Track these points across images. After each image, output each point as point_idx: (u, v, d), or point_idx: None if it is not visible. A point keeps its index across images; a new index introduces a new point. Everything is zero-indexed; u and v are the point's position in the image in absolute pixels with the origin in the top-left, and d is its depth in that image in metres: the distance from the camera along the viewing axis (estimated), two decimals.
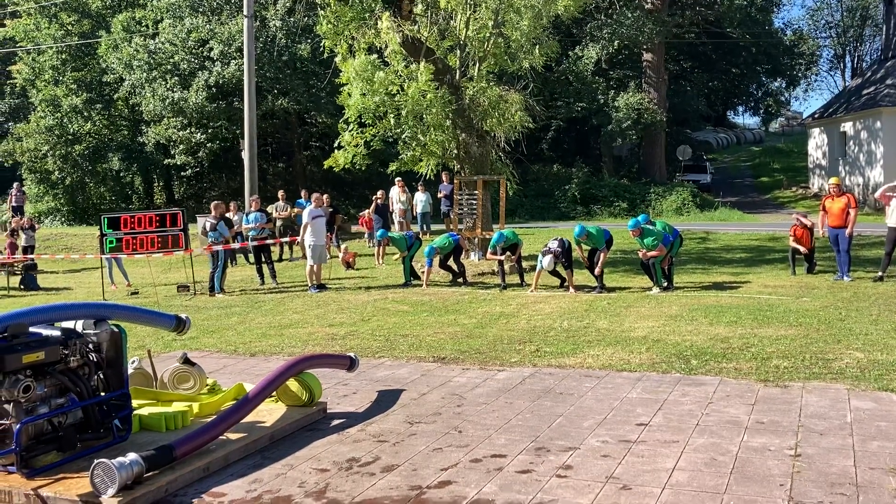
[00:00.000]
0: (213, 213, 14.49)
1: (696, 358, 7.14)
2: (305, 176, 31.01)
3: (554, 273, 12.12)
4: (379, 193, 19.10)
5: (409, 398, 6.16)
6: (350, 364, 6.51)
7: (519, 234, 13.87)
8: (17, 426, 4.40)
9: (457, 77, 15.12)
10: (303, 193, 19.02)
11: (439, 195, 20.37)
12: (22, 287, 16.20)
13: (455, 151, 15.26)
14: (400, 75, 14.53)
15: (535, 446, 4.88)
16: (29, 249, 17.74)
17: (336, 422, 5.61)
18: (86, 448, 4.81)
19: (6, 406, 4.48)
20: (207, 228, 14.27)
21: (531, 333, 8.58)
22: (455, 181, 15.97)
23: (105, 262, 15.25)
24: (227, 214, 15.81)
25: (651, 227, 11.93)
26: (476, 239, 15.16)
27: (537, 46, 15.16)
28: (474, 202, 14.96)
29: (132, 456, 4.24)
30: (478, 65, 15.45)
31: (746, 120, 72.13)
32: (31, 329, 4.73)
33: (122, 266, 15.70)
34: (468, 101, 14.98)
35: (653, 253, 11.51)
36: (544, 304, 10.63)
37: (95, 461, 4.18)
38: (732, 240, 19.21)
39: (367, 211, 19.16)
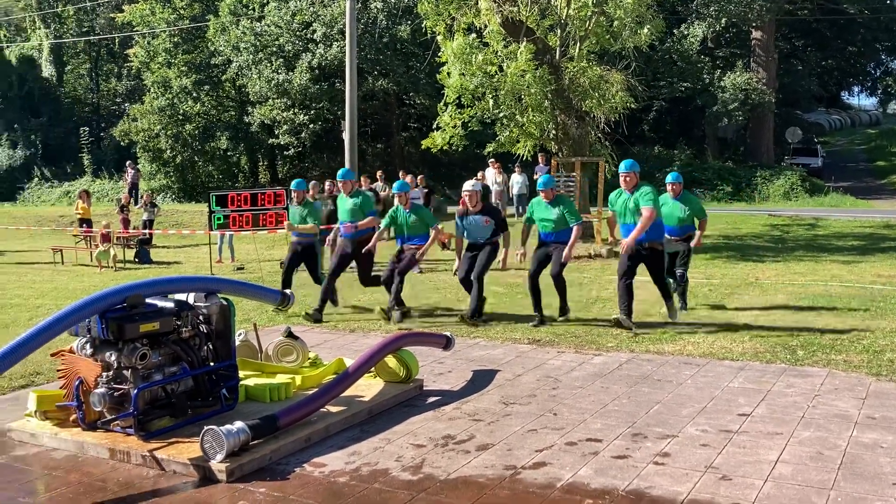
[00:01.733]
0: (310, 193, 14.91)
1: (802, 348, 6.86)
2: (403, 157, 31.36)
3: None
4: (479, 175, 18.96)
5: (504, 379, 6.18)
6: (446, 343, 6.58)
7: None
8: (135, 391, 4.67)
9: (557, 57, 14.93)
10: (401, 174, 19.23)
11: (535, 177, 20.22)
12: (136, 260, 17.08)
13: (553, 132, 15.11)
14: (499, 55, 14.47)
15: (631, 432, 4.82)
16: (149, 224, 18.63)
17: (432, 399, 5.70)
18: (196, 415, 5.06)
19: (125, 372, 4.76)
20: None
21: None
22: (552, 162, 15.81)
23: (217, 237, 15.93)
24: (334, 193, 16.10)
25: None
26: None
27: (644, 25, 14.76)
28: (572, 184, 14.79)
29: (239, 424, 4.43)
30: (578, 44, 15.20)
31: (862, 101, 68.21)
32: (148, 300, 5.01)
33: (231, 242, 16.34)
34: (568, 82, 14.78)
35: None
36: (642, 290, 10.41)
37: (205, 428, 4.39)
38: (844, 227, 18.30)
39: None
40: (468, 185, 8.68)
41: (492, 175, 19.85)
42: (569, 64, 14.92)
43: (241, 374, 5.58)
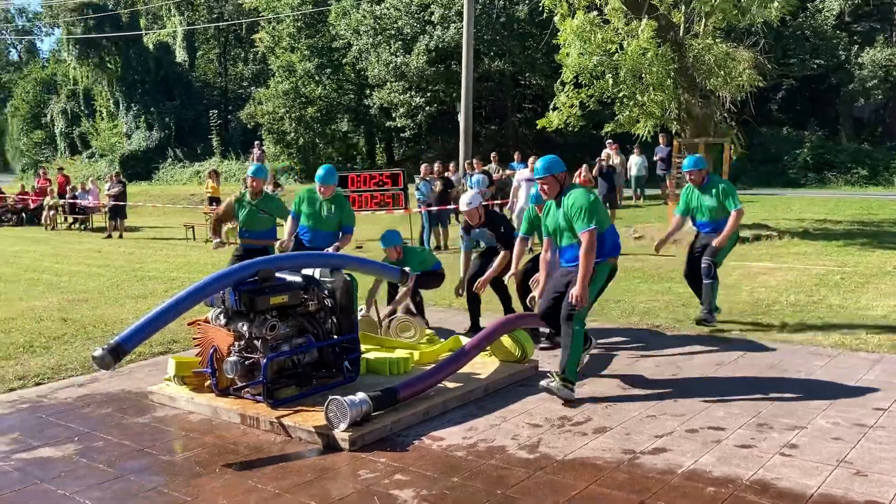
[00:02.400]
0: (422, 174, 15.18)
1: None
2: (517, 138, 31.19)
3: None
4: (604, 154, 18.10)
5: (621, 363, 6.09)
6: None
7: (742, 201, 13.07)
8: (265, 361, 4.90)
9: (680, 34, 14.41)
10: (516, 156, 19.15)
11: (655, 158, 19.68)
12: None
13: (675, 112, 14.62)
14: (619, 33, 14.11)
15: (756, 422, 4.65)
16: None
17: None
18: (320, 385, 5.26)
19: (255, 342, 4.99)
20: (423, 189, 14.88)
21: (753, 306, 8.12)
22: (674, 143, 15.33)
23: None
24: (446, 175, 16.26)
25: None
26: None
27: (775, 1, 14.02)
28: None
29: (361, 395, 4.58)
30: (704, 20, 14.59)
31: None
32: (277, 275, 5.23)
33: None
34: (692, 60, 14.25)
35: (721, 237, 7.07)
36: (769, 276, 9.99)
37: (330, 398, 4.56)
38: None
39: (582, 169, 18.57)
40: (464, 205, 6.91)
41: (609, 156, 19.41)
42: (693, 41, 14.37)
43: (363, 347, 5.75)
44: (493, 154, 19.88)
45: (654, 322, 7.51)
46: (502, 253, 6.69)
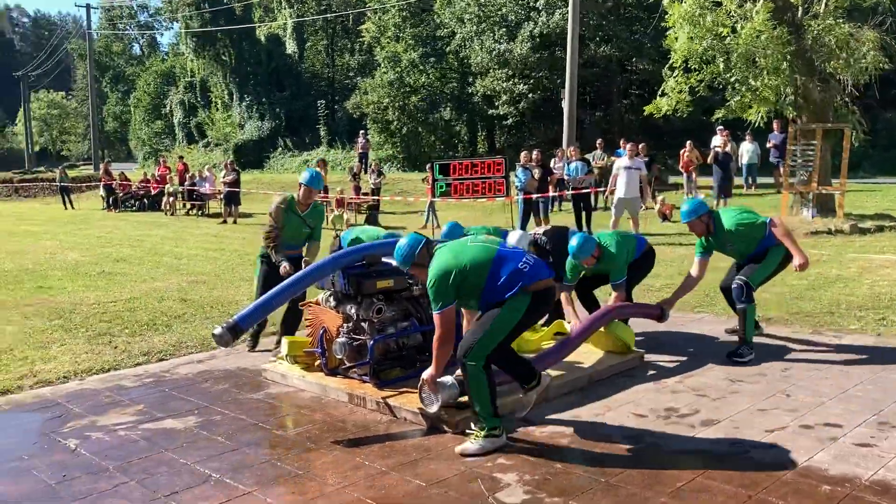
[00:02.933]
0: (521, 162, 15.17)
1: None
2: (623, 124, 30.57)
3: None
4: (719, 141, 17.41)
5: None
6: (660, 315, 6.32)
7: (863, 190, 12.40)
8: (371, 342, 5.03)
9: (798, 15, 13.77)
10: (621, 143, 18.80)
11: (768, 145, 18.87)
12: (367, 224, 18.22)
13: (791, 97, 14.00)
14: (732, 16, 13.61)
15: (877, 420, 4.43)
16: (376, 191, 19.79)
17: (652, 371, 5.60)
18: (424, 368, 5.35)
19: (363, 324, 5.14)
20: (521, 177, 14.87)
21: (874, 300, 7.72)
22: (789, 130, 14.68)
23: (426, 205, 16.94)
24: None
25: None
26: (811, 195, 13.87)
27: None
28: (811, 153, 13.66)
29: (449, 379, 4.57)
30: (824, 0, 13.89)
31: None
32: (384, 259, 5.36)
33: (433, 209, 17.18)
34: (810, 41, 13.59)
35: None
36: (893, 270, 9.46)
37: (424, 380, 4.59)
38: None
39: (687, 147, 17.90)
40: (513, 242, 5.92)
41: (718, 143, 18.75)
42: (812, 22, 13.69)
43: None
44: (598, 141, 19.58)
45: (764, 315, 7.25)
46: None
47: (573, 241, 6.00)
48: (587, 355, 5.70)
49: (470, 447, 4.16)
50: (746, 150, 19.01)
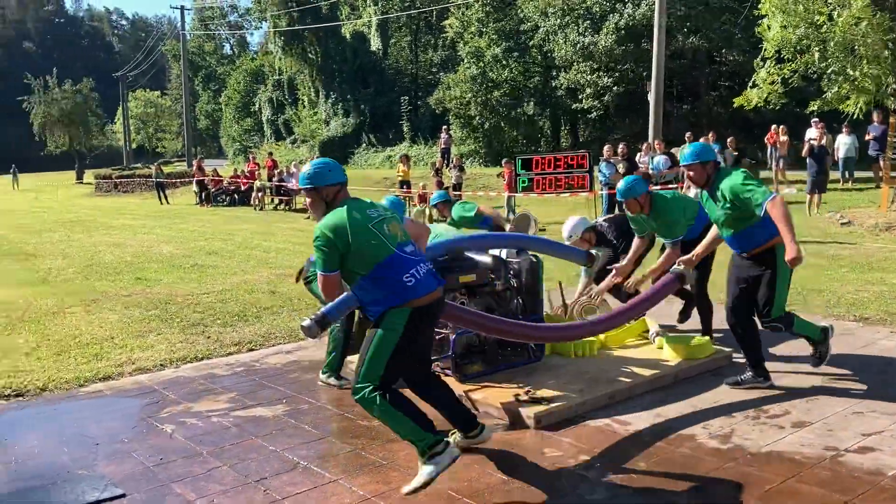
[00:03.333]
0: (605, 156, 14.95)
1: None
2: (711, 117, 29.74)
3: None
4: (814, 134, 16.54)
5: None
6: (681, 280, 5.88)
7: None
8: (453, 336, 5.08)
9: None
10: (710, 136, 18.30)
11: (867, 137, 18.03)
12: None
13: (893, 87, 13.34)
14: (828, 3, 13.06)
15: None
16: (458, 187, 19.88)
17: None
18: (505, 363, 5.37)
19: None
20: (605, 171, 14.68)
21: None
22: (890, 121, 14.00)
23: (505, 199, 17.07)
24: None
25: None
26: None
27: None
28: None
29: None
30: None
31: None
32: (466, 254, 5.39)
33: (512, 204, 17.20)
34: None
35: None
36: None
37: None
38: None
39: (774, 130, 17.21)
40: (566, 239, 6.45)
41: (813, 136, 18.02)
42: None
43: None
44: (687, 134, 19.11)
45: (862, 314, 6.96)
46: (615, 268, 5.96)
47: (620, 183, 5.71)
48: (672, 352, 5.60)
49: (413, 482, 3.58)
50: (843, 143, 18.23)
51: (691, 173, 4.96)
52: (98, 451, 4.36)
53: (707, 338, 5.71)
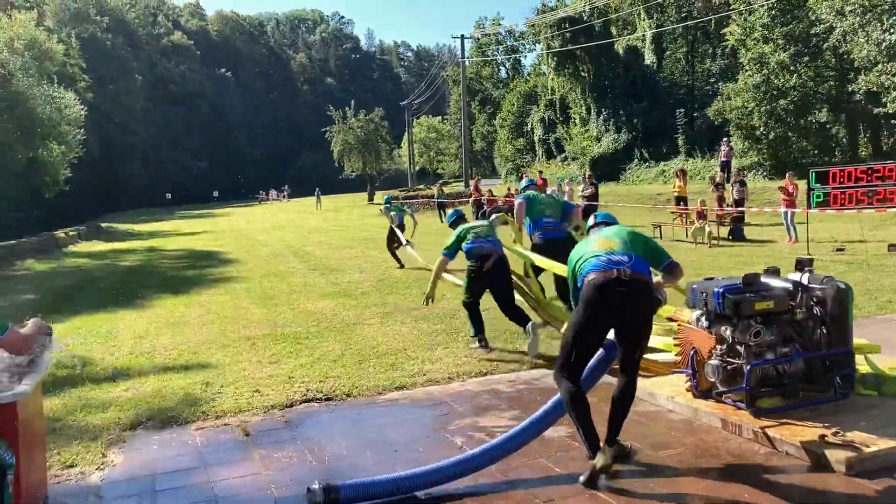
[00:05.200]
0: None
1: None
2: None
3: None
4: None
5: None
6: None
7: None
8: (748, 367, 4.76)
9: None
10: None
11: None
12: (730, 238, 17.32)
13: None
14: None
15: None
16: (739, 203, 18.80)
17: None
18: (807, 399, 4.93)
19: (738, 347, 4.88)
20: None
21: None
22: None
23: (784, 217, 16.17)
24: None
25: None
26: None
27: None
28: None
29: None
30: None
31: None
32: (762, 279, 5.04)
33: (791, 221, 15.85)
34: None
35: None
36: None
37: None
38: None
39: None
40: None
41: None
42: None
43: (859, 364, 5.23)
44: None
45: None
46: None
47: None
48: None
49: None
50: None
51: None
52: (396, 457, 4.69)
53: None
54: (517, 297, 7.52)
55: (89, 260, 21.97)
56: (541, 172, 29.72)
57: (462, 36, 50.94)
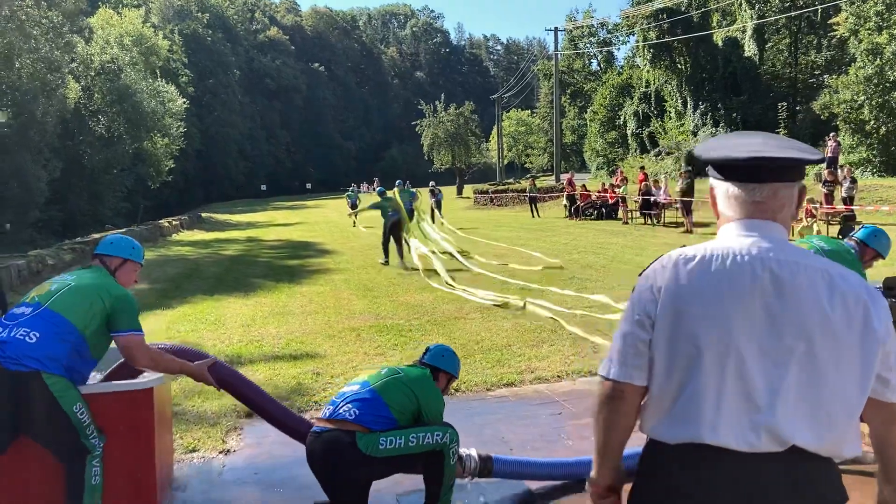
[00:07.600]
0: None
1: None
2: None
3: None
4: None
5: None
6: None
7: None
8: None
9: None
10: None
11: None
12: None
13: None
14: None
15: None
16: (848, 200, 17.93)
17: None
18: None
19: None
20: None
21: None
22: None
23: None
24: None
25: None
26: None
27: None
28: None
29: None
30: None
31: None
32: None
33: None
34: None
35: None
36: None
37: None
38: None
39: None
40: None
41: None
42: None
43: None
44: None
45: None
46: None
47: None
48: None
49: None
50: None
51: None
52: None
53: None
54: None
55: (192, 248, 22.81)
56: (642, 168, 28.96)
57: (556, 28, 50.36)
